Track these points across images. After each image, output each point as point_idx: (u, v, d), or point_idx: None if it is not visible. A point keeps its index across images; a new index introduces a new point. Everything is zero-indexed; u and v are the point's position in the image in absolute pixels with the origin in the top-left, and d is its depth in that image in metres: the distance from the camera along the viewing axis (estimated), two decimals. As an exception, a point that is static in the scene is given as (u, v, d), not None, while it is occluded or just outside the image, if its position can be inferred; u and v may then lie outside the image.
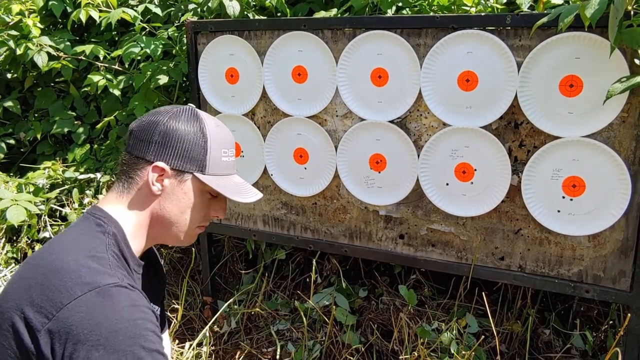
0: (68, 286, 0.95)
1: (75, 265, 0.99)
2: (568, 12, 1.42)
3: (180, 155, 1.13)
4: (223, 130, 1.20)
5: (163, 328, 1.44)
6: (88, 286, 0.95)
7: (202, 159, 1.14)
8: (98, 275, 0.98)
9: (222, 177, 1.18)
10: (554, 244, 1.70)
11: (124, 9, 2.58)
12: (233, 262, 2.69)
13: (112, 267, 1.02)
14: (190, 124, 1.14)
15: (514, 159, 1.70)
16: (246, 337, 2.31)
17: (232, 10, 2.27)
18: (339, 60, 1.88)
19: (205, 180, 1.14)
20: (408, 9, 2.25)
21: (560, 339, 2.10)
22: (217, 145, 1.16)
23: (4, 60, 3.03)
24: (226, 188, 1.16)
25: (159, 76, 2.54)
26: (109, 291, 0.95)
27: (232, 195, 1.15)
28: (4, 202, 2.35)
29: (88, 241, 1.06)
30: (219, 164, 1.16)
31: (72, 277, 0.96)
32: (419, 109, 1.81)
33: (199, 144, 1.13)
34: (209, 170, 1.15)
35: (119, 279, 0.99)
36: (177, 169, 1.13)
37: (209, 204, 1.20)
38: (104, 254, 1.03)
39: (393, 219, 1.93)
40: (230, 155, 1.20)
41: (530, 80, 1.62)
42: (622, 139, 1.56)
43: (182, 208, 1.16)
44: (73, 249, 1.03)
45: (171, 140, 1.12)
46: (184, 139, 1.13)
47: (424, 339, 1.93)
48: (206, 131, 1.14)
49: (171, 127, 1.12)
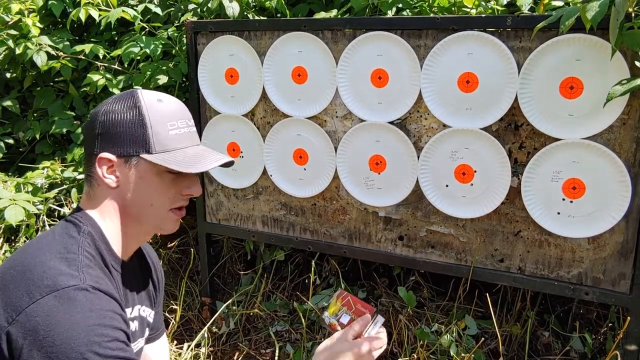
0: (30, 289, 0.93)
1: (41, 266, 0.96)
2: (569, 14, 1.42)
3: (121, 141, 1.07)
4: (167, 104, 1.12)
5: (158, 331, 1.42)
6: (47, 289, 0.92)
7: (143, 138, 1.07)
8: (60, 276, 0.95)
9: (174, 151, 1.09)
10: (554, 246, 1.70)
11: (124, 9, 2.58)
12: (232, 262, 2.69)
13: (79, 268, 0.98)
14: (127, 105, 1.08)
15: (514, 161, 1.70)
16: (245, 338, 2.30)
17: (232, 11, 2.26)
18: (339, 61, 1.88)
19: (152, 159, 1.07)
20: (408, 10, 2.25)
21: (559, 341, 2.09)
22: (160, 120, 1.08)
23: (3, 60, 3.02)
24: (177, 162, 1.07)
25: (159, 76, 2.53)
26: (68, 294, 0.92)
27: (185, 168, 1.07)
28: (3, 202, 2.34)
29: (62, 241, 1.03)
30: (165, 138, 1.08)
31: (34, 279, 0.94)
32: (419, 110, 1.80)
33: (136, 124, 1.07)
34: (156, 148, 1.07)
35: (82, 281, 0.95)
36: (123, 155, 1.07)
37: (175, 183, 1.12)
38: (74, 255, 1.01)
39: (392, 220, 1.93)
40: (180, 127, 1.11)
41: (531, 81, 1.62)
42: (623, 141, 1.56)
43: (144, 195, 1.10)
44: (45, 249, 1.01)
45: (110, 127, 1.07)
46: (121, 123, 1.07)
47: (423, 341, 1.93)
48: (143, 109, 1.07)
49: (108, 115, 1.07)
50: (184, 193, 1.14)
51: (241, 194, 2.22)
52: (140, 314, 1.25)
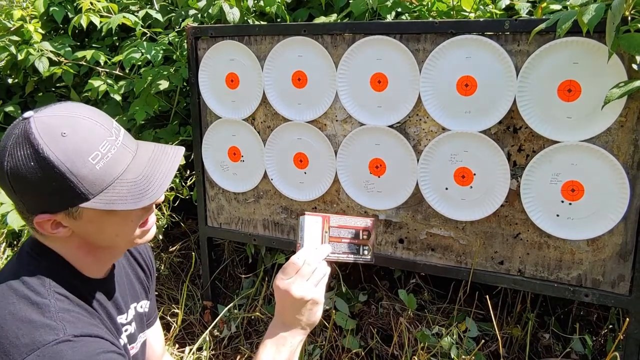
0: (7, 350, 0.86)
1: (12, 320, 0.89)
2: (566, 18, 1.43)
3: (47, 200, 0.91)
4: (75, 136, 0.89)
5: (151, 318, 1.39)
6: (26, 348, 0.86)
7: (70, 190, 0.89)
8: (37, 330, 0.87)
9: (112, 185, 0.92)
10: (553, 248, 1.71)
11: (125, 15, 2.59)
12: (233, 266, 2.69)
13: (54, 315, 0.91)
14: (27, 156, 0.87)
15: (513, 164, 1.71)
16: (246, 341, 2.31)
17: (232, 17, 2.28)
18: (339, 65, 1.89)
19: (93, 206, 0.91)
20: (407, 15, 2.26)
21: (559, 343, 2.10)
22: (79, 161, 0.89)
23: (5, 66, 3.03)
24: (122, 198, 0.92)
25: (160, 81, 2.55)
26: (51, 352, 0.86)
27: (133, 204, 0.93)
28: (5, 207, 2.35)
29: (27, 283, 0.94)
30: (97, 177, 0.90)
31: (10, 338, 0.87)
32: (418, 113, 1.81)
33: (52, 178, 0.88)
34: (91, 192, 0.91)
35: (62, 332, 0.89)
36: (58, 210, 0.93)
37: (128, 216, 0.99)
38: (45, 299, 0.92)
39: (393, 223, 1.94)
40: (104, 155, 0.91)
41: (529, 85, 1.63)
42: (621, 143, 1.57)
43: (105, 232, 0.98)
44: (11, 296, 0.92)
45: (24, 186, 0.89)
46: (34, 181, 0.88)
47: (424, 344, 1.93)
48: (51, 158, 0.87)
49: (15, 170, 0.88)
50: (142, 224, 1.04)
51: (242, 198, 2.23)
52: (137, 311, 1.24)
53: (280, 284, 1.08)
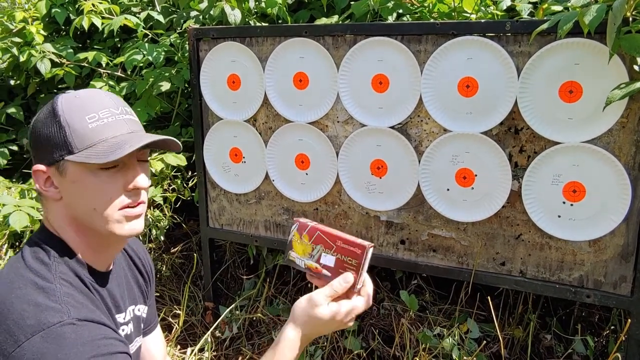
0: (12, 331, 0.89)
1: (19, 303, 0.92)
2: (567, 19, 1.43)
3: (45, 148, 1.01)
4: (85, 98, 1.03)
5: (152, 324, 1.41)
6: (31, 329, 0.88)
7: (63, 140, 0.99)
8: (43, 313, 0.90)
9: (96, 144, 0.99)
10: (555, 249, 1.71)
11: (127, 16, 2.60)
12: (234, 267, 2.70)
13: (60, 298, 0.93)
14: (45, 111, 1.03)
15: (514, 165, 1.71)
16: (248, 342, 2.31)
17: (234, 19, 2.28)
18: (340, 67, 1.90)
19: (74, 158, 0.98)
20: (408, 16, 2.26)
21: (561, 344, 2.10)
22: (77, 116, 1.00)
23: (7, 67, 3.04)
24: (97, 154, 0.98)
25: (161, 83, 2.55)
26: (55, 333, 0.88)
27: (103, 157, 0.97)
28: (7, 208, 2.35)
29: (34, 269, 0.98)
30: (86, 134, 0.99)
31: (15, 319, 0.89)
32: (420, 114, 1.82)
33: (54, 126, 1.00)
34: (78, 146, 0.99)
35: (66, 315, 0.91)
36: (51, 163, 1.01)
37: (114, 180, 1.02)
38: (50, 284, 0.96)
39: (394, 224, 1.94)
40: (101, 118, 1.01)
41: (530, 86, 1.63)
42: (622, 144, 1.57)
43: (85, 199, 1.02)
44: (18, 281, 0.96)
45: (36, 137, 1.03)
46: (42, 130, 1.01)
47: (425, 345, 1.93)
48: (58, 109, 1.00)
49: (34, 125, 1.03)
50: (129, 188, 1.04)
51: (244, 199, 2.23)
52: (135, 314, 1.24)
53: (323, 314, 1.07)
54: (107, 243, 1.10)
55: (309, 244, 1.12)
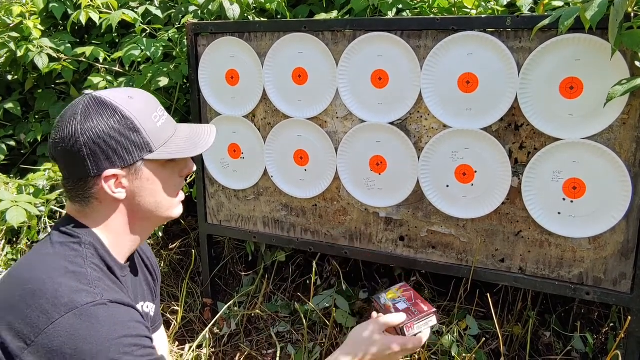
0: (45, 308, 0.91)
1: (52, 284, 0.94)
2: (568, 14, 1.42)
3: (121, 152, 1.04)
4: (139, 97, 1.09)
5: (156, 323, 1.42)
6: (65, 307, 0.91)
7: (141, 141, 1.05)
8: (76, 293, 0.93)
9: (169, 141, 1.10)
10: (555, 246, 1.70)
11: (125, 11, 2.58)
12: (233, 264, 2.69)
13: (91, 282, 0.97)
14: (106, 115, 1.03)
15: (514, 161, 1.70)
16: (246, 339, 2.31)
17: (232, 14, 2.26)
18: (340, 62, 1.88)
19: (156, 156, 1.07)
20: (408, 11, 2.25)
21: (560, 341, 2.09)
22: (145, 117, 1.06)
23: (4, 62, 3.03)
24: (182, 150, 1.10)
25: (160, 78, 2.54)
26: (88, 311, 0.91)
27: (190, 152, 1.10)
28: (4, 204, 2.34)
29: (64, 255, 1.01)
30: (158, 132, 1.07)
31: (49, 298, 0.92)
32: (419, 110, 1.81)
33: (129, 130, 1.03)
34: (155, 145, 1.07)
35: (99, 296, 0.95)
36: (126, 165, 1.05)
37: (174, 169, 1.14)
38: (82, 269, 0.99)
39: (393, 220, 1.93)
40: (161, 116, 1.10)
41: (531, 82, 1.62)
42: (623, 140, 1.56)
43: (154, 193, 1.10)
44: (49, 265, 0.98)
45: (101, 144, 1.02)
46: (113, 135, 1.02)
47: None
48: (126, 112, 1.03)
49: (92, 132, 1.01)
50: (183, 174, 1.16)
51: (242, 195, 2.22)
52: (144, 310, 1.26)
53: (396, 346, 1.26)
54: (146, 232, 1.17)
55: (398, 293, 1.41)
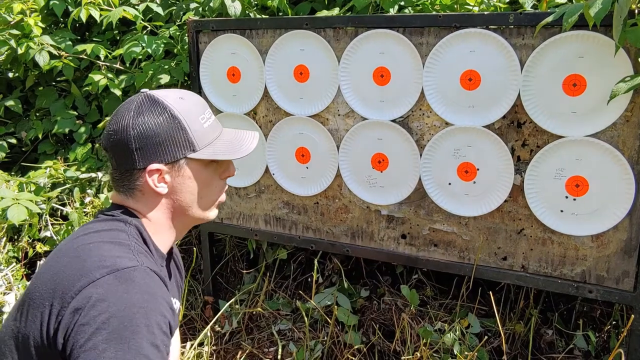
0: (89, 270, 0.96)
1: (97, 250, 1.00)
2: (572, 11, 1.41)
3: (165, 148, 1.09)
4: (189, 99, 1.15)
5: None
6: (107, 269, 0.96)
7: (186, 140, 1.10)
8: (118, 259, 0.99)
9: (214, 142, 1.15)
10: (557, 244, 1.69)
11: (125, 8, 2.58)
12: (234, 261, 2.69)
13: (134, 252, 1.03)
14: (156, 112, 1.09)
15: (516, 159, 1.70)
16: (247, 337, 2.30)
17: (234, 11, 2.26)
18: (341, 59, 1.88)
19: (200, 156, 1.11)
20: (410, 8, 2.24)
21: (563, 339, 2.09)
22: (193, 117, 1.11)
23: (5, 60, 3.02)
24: (223, 151, 1.14)
25: (161, 75, 2.53)
26: (127, 274, 0.96)
27: (233, 154, 1.14)
28: (5, 201, 2.34)
29: (110, 233, 1.06)
30: (204, 133, 1.13)
31: (93, 260, 0.98)
32: (421, 108, 1.80)
33: (176, 128, 1.09)
34: (199, 145, 1.12)
35: (139, 262, 1.00)
36: (170, 161, 1.10)
37: (216, 172, 1.18)
38: (126, 241, 1.05)
39: (395, 218, 1.93)
40: (208, 118, 1.16)
41: (533, 79, 1.62)
42: (626, 138, 1.55)
43: (195, 191, 1.15)
44: (95, 239, 1.04)
45: (148, 139, 1.08)
46: (158, 131, 1.08)
47: (426, 340, 1.92)
48: (175, 112, 1.09)
49: (141, 127, 1.08)
50: (223, 177, 1.21)
51: (243, 193, 2.22)
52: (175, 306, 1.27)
53: None
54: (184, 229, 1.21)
55: None
